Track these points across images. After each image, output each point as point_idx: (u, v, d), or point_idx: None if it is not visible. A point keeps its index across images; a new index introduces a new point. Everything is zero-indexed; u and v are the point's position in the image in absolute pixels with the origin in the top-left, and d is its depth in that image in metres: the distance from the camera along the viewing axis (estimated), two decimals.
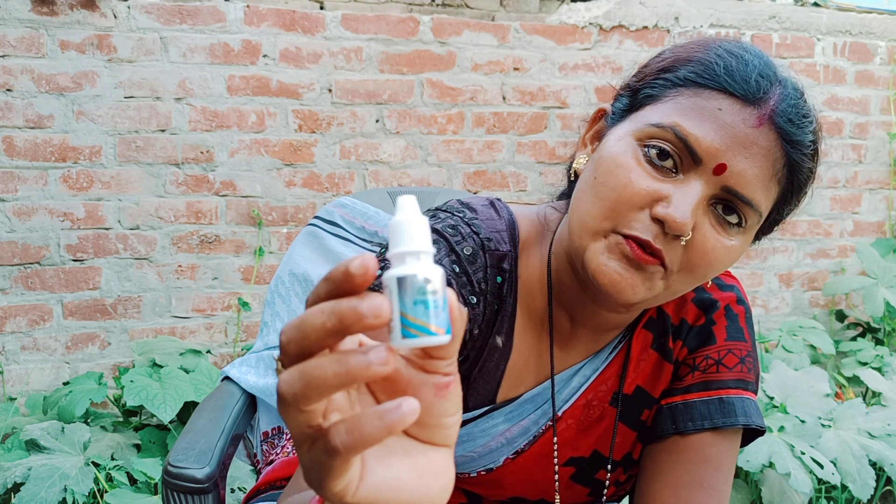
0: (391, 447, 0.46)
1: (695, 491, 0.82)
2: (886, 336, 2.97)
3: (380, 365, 0.40)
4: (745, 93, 0.72)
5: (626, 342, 0.89)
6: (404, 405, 0.40)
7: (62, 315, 2.32)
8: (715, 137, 0.71)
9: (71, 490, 1.74)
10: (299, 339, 0.41)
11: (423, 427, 0.47)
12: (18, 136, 2.21)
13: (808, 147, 0.74)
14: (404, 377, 0.46)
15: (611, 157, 0.75)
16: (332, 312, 0.40)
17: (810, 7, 3.07)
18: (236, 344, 2.49)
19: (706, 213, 0.73)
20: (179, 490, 0.96)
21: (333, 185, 2.51)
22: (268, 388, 1.18)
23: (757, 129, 0.71)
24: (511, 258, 0.84)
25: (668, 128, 0.72)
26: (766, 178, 0.72)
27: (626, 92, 0.81)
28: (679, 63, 0.76)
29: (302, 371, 0.41)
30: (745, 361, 0.88)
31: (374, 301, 0.39)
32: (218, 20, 2.33)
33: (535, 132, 2.72)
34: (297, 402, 0.41)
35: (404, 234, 0.43)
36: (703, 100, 0.73)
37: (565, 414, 0.90)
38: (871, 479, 1.97)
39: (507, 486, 0.94)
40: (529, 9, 2.72)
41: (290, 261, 1.23)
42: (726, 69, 0.73)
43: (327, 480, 0.42)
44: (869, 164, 3.18)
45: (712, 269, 0.75)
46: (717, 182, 0.72)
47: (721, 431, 0.85)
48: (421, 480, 0.46)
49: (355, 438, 0.40)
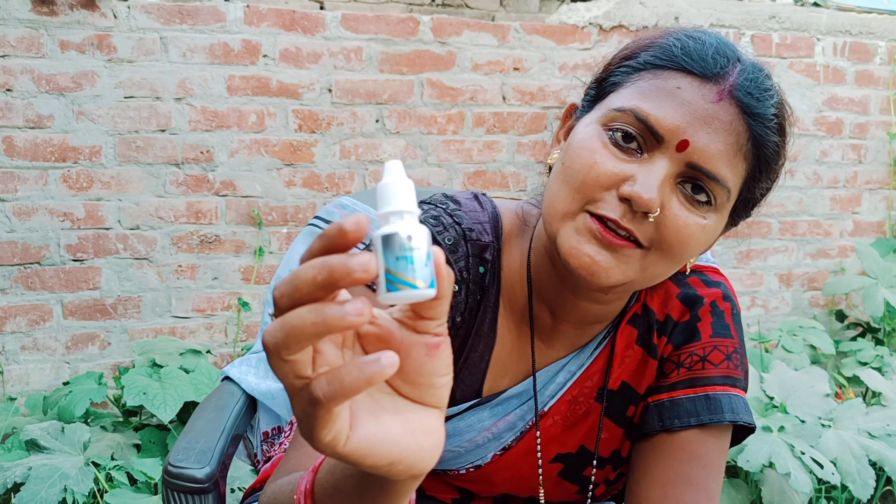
0: (383, 404, 0.48)
1: (683, 489, 0.82)
2: (886, 336, 2.97)
3: (355, 315, 0.42)
4: (703, 70, 0.73)
5: (610, 338, 0.90)
6: (384, 358, 0.42)
7: (62, 315, 2.32)
8: (675, 115, 0.72)
9: (71, 490, 1.74)
10: (291, 293, 0.43)
11: (415, 386, 0.49)
12: (18, 136, 2.21)
13: (770, 120, 0.74)
14: (396, 337, 0.48)
15: (578, 142, 0.77)
16: (323, 266, 0.42)
17: (810, 7, 3.07)
18: (236, 344, 2.50)
19: (674, 191, 0.74)
20: (179, 490, 0.96)
21: (333, 185, 2.51)
22: (268, 391, 1.18)
23: (717, 104, 0.72)
24: (493, 249, 0.85)
25: (628, 111, 0.74)
26: (730, 152, 0.73)
27: (593, 84, 0.83)
28: (640, 49, 0.78)
29: (283, 321, 0.43)
30: (732, 358, 0.88)
31: (362, 257, 0.42)
32: (218, 20, 2.33)
33: (535, 132, 2.72)
34: (278, 350, 0.43)
35: (389, 195, 0.46)
36: (663, 80, 0.74)
37: (551, 410, 0.90)
38: (871, 479, 1.97)
39: (496, 483, 0.94)
40: (529, 9, 2.73)
41: (290, 260, 1.23)
42: (683, 49, 0.75)
43: (315, 430, 0.44)
44: (869, 164, 3.18)
45: (687, 248, 0.75)
46: (681, 159, 0.73)
47: (708, 428, 0.84)
48: (411, 437, 0.48)
49: (335, 388, 0.42)
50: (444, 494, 0.99)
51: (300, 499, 0.59)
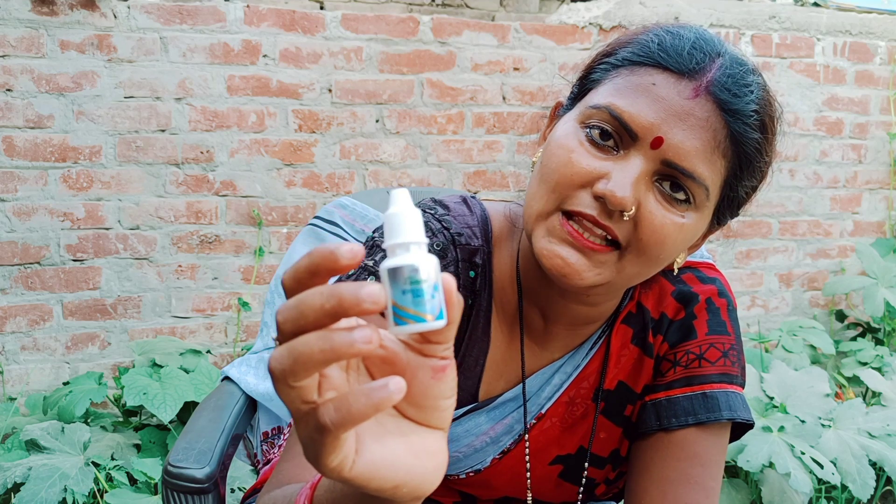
0: (388, 427, 0.48)
1: (682, 487, 0.81)
2: (886, 336, 2.97)
3: (363, 343, 0.41)
4: (678, 66, 0.72)
5: (605, 338, 0.89)
6: (391, 384, 0.42)
7: (62, 315, 2.32)
8: (649, 112, 0.71)
9: (71, 490, 1.74)
10: (296, 318, 0.43)
11: (420, 409, 0.48)
12: (18, 136, 2.21)
13: (750, 117, 0.73)
14: (402, 360, 0.47)
15: (555, 140, 0.76)
16: (332, 295, 0.42)
17: (810, 7, 3.07)
18: (236, 344, 2.50)
19: (650, 189, 0.73)
20: (179, 490, 0.96)
21: (333, 185, 2.51)
22: (268, 392, 1.18)
23: (693, 100, 0.71)
24: (483, 252, 0.85)
25: (603, 108, 0.73)
26: (706, 150, 0.72)
27: (576, 82, 0.83)
28: (619, 46, 0.78)
29: (290, 347, 0.42)
30: (729, 355, 0.87)
31: (372, 288, 0.41)
32: (218, 20, 2.33)
33: (535, 132, 2.71)
34: (285, 377, 0.42)
35: (395, 226, 0.46)
36: (639, 77, 0.74)
37: (549, 412, 0.90)
38: (871, 479, 1.97)
39: (496, 487, 0.94)
40: (529, 9, 2.72)
41: (289, 260, 1.23)
42: (660, 45, 0.74)
43: (322, 456, 0.44)
44: (869, 164, 3.18)
45: (664, 248, 0.74)
46: (656, 156, 0.72)
47: (706, 426, 0.84)
48: (416, 459, 0.48)
49: (343, 415, 0.42)
50: (445, 498, 0.99)
51: None
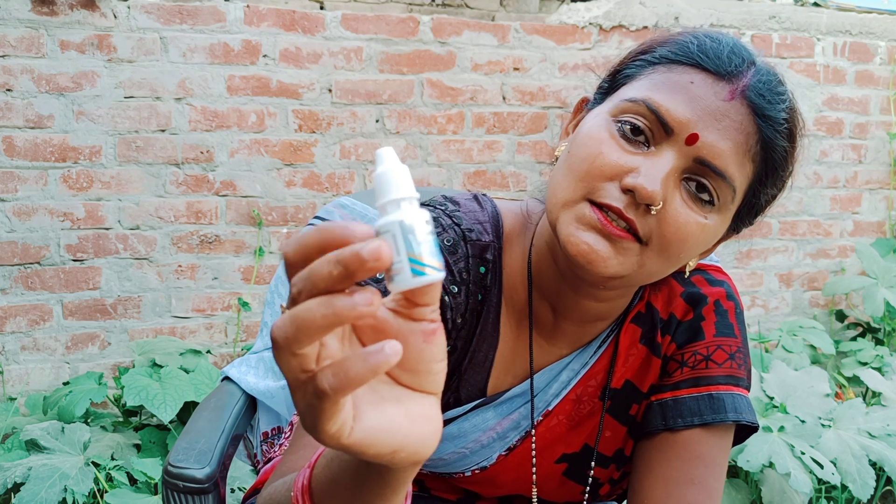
0: (383, 394, 0.49)
1: (685, 487, 0.82)
2: (886, 336, 2.97)
3: (365, 306, 0.42)
4: (717, 68, 0.74)
5: (614, 336, 0.89)
6: (387, 347, 0.43)
7: (62, 315, 2.32)
8: (686, 109, 0.72)
9: (71, 490, 1.74)
10: (309, 289, 0.43)
11: (413, 374, 0.49)
12: (18, 136, 2.21)
13: (781, 124, 0.74)
14: (393, 327, 0.48)
15: (585, 132, 0.77)
16: (338, 261, 0.42)
17: (810, 7, 3.07)
18: (236, 344, 2.49)
19: (677, 187, 0.74)
20: (179, 490, 0.96)
21: (333, 185, 2.51)
22: (268, 390, 1.18)
23: (728, 102, 0.73)
24: (494, 249, 0.85)
25: (640, 101, 0.74)
26: (738, 152, 0.73)
27: (607, 77, 0.83)
28: (657, 44, 0.79)
29: (293, 315, 0.43)
30: (735, 357, 0.88)
31: (373, 245, 0.41)
32: (218, 20, 2.33)
33: (535, 132, 2.72)
34: (288, 345, 0.43)
35: (395, 182, 0.46)
36: (677, 74, 0.75)
37: (556, 409, 0.90)
38: (871, 479, 1.97)
39: (501, 485, 0.94)
40: (529, 9, 2.72)
41: None
42: (700, 46, 0.75)
43: (320, 423, 0.44)
44: (869, 164, 3.18)
45: (685, 246, 0.75)
46: (689, 153, 0.73)
47: (711, 428, 0.85)
48: (412, 425, 0.48)
49: (341, 380, 0.42)
50: (448, 494, 0.99)
51: (297, 495, 0.59)
